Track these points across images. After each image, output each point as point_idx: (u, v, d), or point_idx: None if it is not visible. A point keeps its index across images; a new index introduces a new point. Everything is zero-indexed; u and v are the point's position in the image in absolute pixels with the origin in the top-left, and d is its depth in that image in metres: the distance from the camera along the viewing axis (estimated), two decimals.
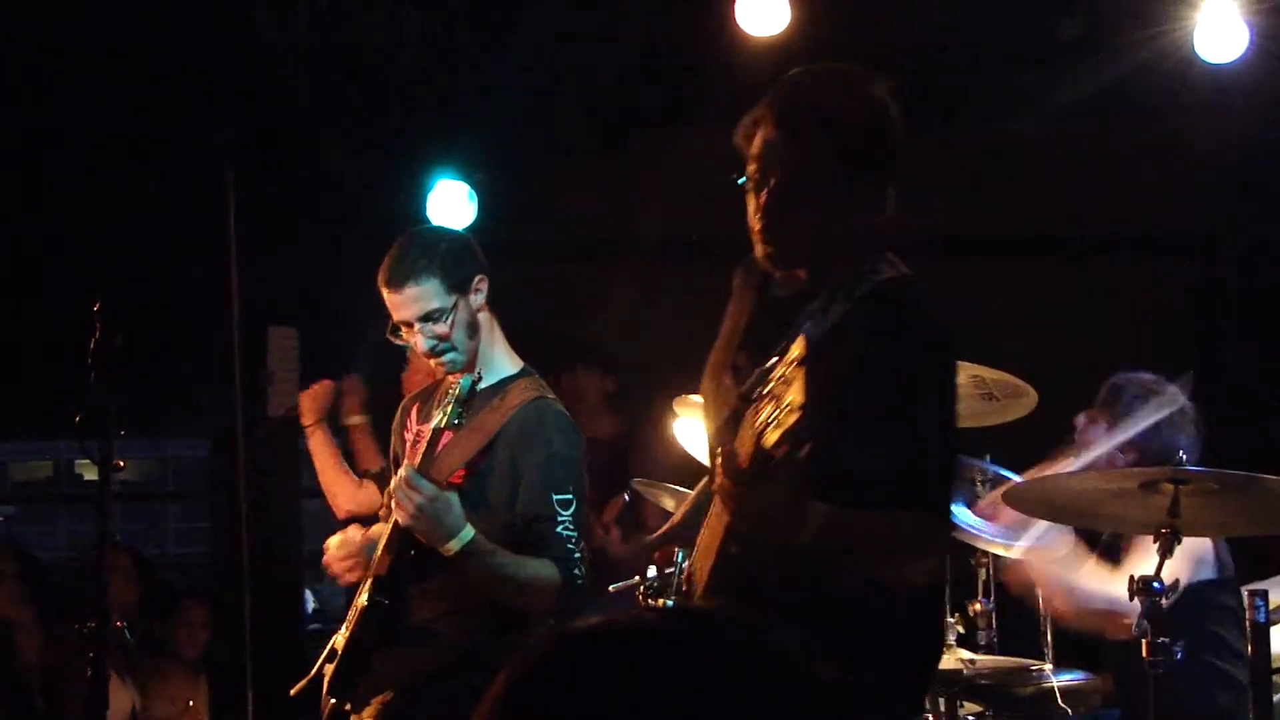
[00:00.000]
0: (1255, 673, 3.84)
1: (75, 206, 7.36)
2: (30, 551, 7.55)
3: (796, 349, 2.67)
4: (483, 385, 4.09)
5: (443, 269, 4.00)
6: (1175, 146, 7.39)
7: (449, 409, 3.89)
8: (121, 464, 4.05)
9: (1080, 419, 4.93)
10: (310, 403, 5.81)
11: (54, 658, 6.47)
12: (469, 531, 3.84)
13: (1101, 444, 4.76)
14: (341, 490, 5.66)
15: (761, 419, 2.70)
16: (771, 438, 2.74)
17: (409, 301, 4.02)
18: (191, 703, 6.95)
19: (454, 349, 4.02)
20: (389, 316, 4.09)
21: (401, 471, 3.90)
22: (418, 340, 4.04)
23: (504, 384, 4.09)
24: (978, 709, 4.76)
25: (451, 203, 7.46)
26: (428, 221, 7.28)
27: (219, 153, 7.01)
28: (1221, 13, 6.34)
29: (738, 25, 6.54)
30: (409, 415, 4.24)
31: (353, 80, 7.23)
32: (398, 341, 4.14)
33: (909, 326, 2.89)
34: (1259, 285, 7.83)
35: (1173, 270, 8.13)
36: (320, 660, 4.03)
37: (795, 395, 2.68)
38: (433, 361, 4.07)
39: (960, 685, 4.58)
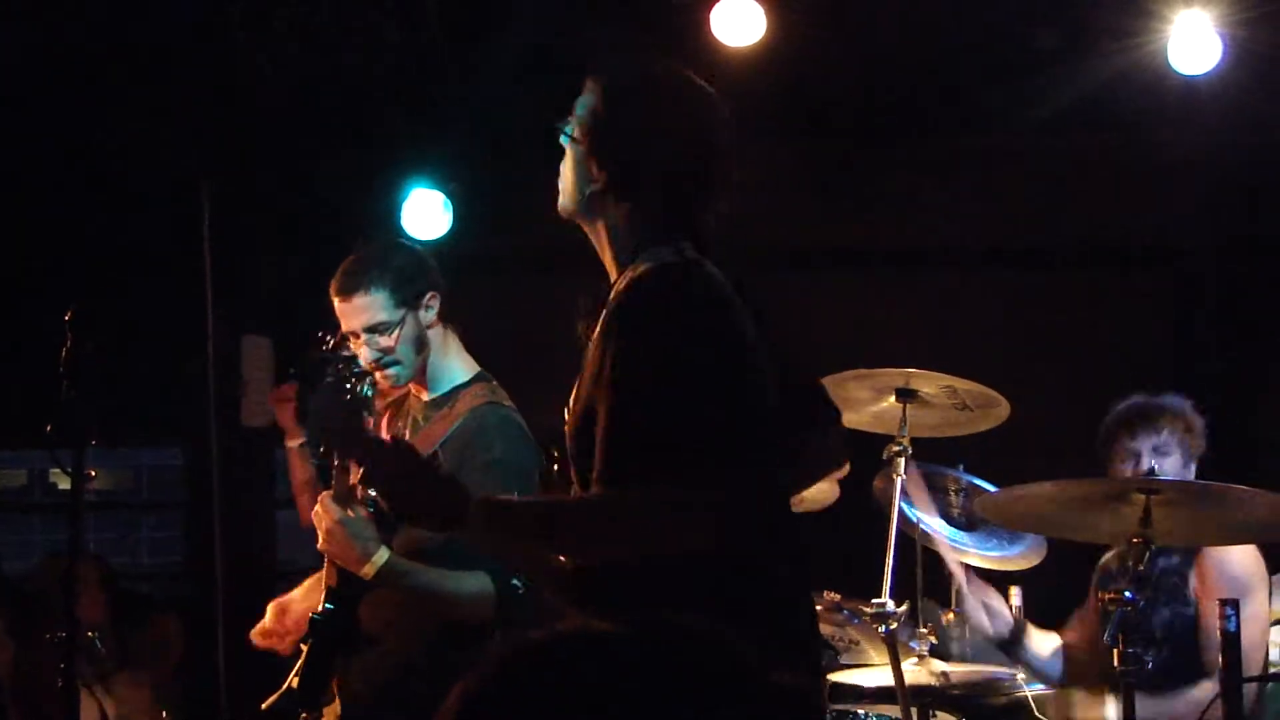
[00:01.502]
0: (1226, 682, 3.85)
1: (48, 214, 7.33)
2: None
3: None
4: (434, 395, 4.11)
5: (393, 282, 4.02)
6: (1150, 158, 7.41)
7: None
8: (93, 473, 4.04)
9: (1145, 462, 4.81)
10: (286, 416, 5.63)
11: (25, 669, 6.44)
12: (383, 554, 3.84)
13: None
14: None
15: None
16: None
17: (356, 311, 4.03)
18: (165, 714, 6.92)
19: (399, 362, 4.04)
20: (338, 326, 4.10)
21: (320, 497, 3.92)
22: (363, 351, 4.04)
23: (455, 391, 4.10)
24: (950, 719, 4.76)
25: (426, 212, 7.44)
26: (403, 231, 7.27)
27: (193, 161, 6.99)
28: (1195, 25, 6.36)
29: (713, 35, 6.55)
30: (379, 424, 4.24)
31: (328, 89, 7.21)
32: (344, 353, 4.13)
33: (664, 304, 2.89)
34: (1234, 295, 7.85)
35: (1147, 280, 8.15)
36: (292, 673, 4.03)
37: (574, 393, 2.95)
38: (377, 374, 4.07)
39: (933, 695, 4.59)
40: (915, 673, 4.56)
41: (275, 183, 7.49)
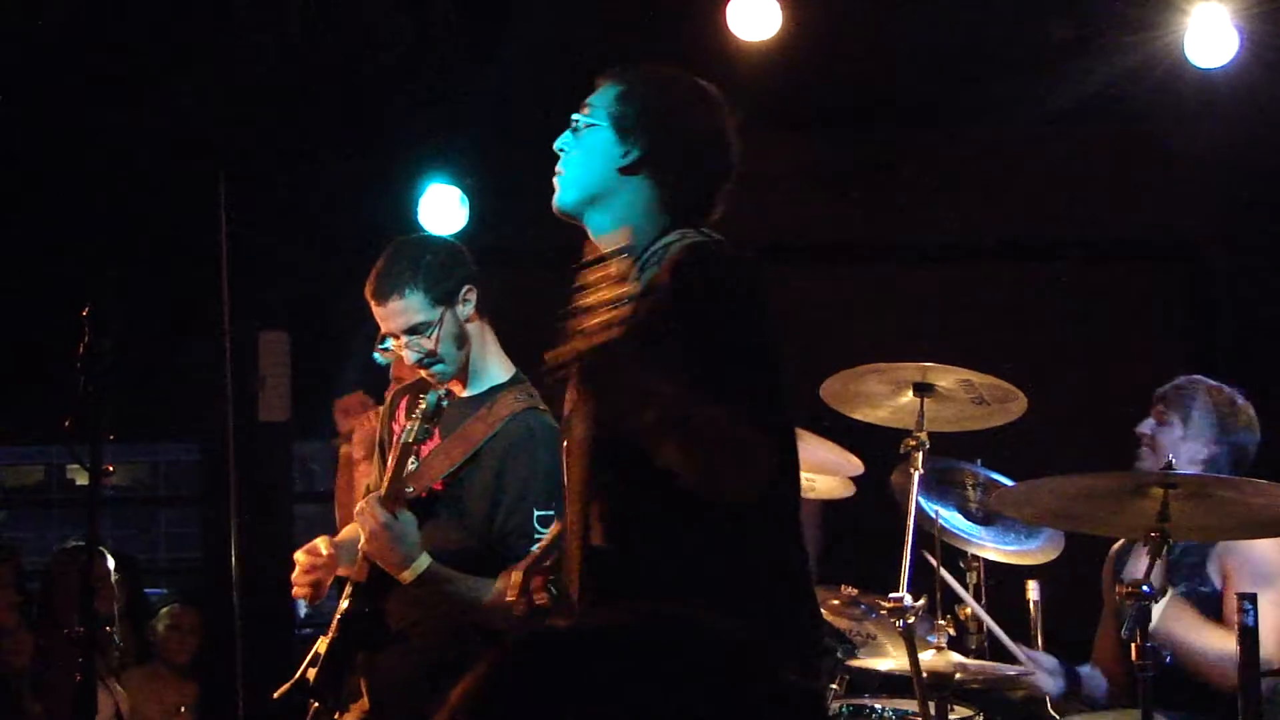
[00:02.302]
0: (1244, 677, 3.84)
1: (66, 210, 7.35)
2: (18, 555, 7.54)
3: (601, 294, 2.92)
4: (471, 393, 4.08)
5: (427, 282, 3.98)
6: (1166, 151, 7.40)
7: (415, 425, 3.88)
8: (111, 469, 4.05)
9: (1148, 424, 4.86)
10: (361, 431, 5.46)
11: (42, 663, 6.46)
12: (424, 560, 3.83)
13: (1177, 446, 4.73)
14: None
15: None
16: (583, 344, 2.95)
17: (394, 315, 4.00)
18: (182, 708, 6.94)
19: (441, 361, 4.01)
20: (378, 328, 4.08)
21: (367, 497, 3.91)
22: (405, 353, 4.03)
23: (493, 392, 4.07)
24: (968, 712, 4.76)
25: (443, 207, 7.44)
26: (419, 226, 7.27)
27: (209, 158, 7.00)
28: (1212, 18, 6.34)
29: (729, 29, 6.55)
30: (398, 408, 4.23)
31: (344, 84, 7.22)
32: (386, 356, 4.12)
33: (700, 282, 2.97)
34: (1249, 289, 7.83)
35: (1163, 274, 8.13)
36: (304, 664, 4.02)
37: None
38: (422, 372, 4.06)
39: (950, 689, 4.58)
40: (933, 665, 4.55)
41: (292, 178, 7.50)
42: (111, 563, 6.74)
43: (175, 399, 7.89)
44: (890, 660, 4.83)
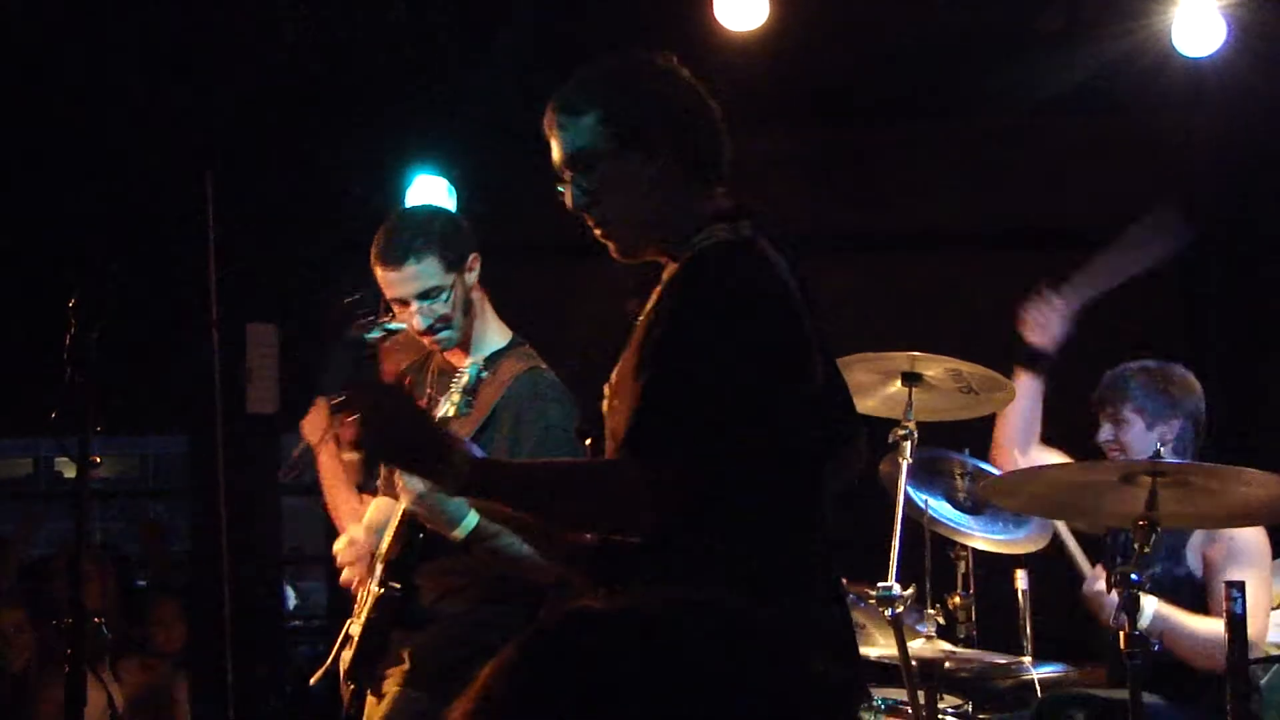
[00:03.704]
0: (1232, 664, 3.85)
1: (53, 202, 7.34)
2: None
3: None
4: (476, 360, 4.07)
5: (441, 246, 3.97)
6: (1154, 140, 7.40)
7: (457, 399, 3.81)
8: (98, 460, 4.04)
9: (1106, 430, 4.86)
10: (312, 425, 5.46)
11: (36, 655, 6.47)
12: (473, 518, 3.81)
13: (1144, 437, 4.74)
14: (345, 508, 5.45)
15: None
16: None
17: (407, 279, 3.98)
18: (173, 699, 6.94)
19: (450, 327, 4.01)
20: (380, 294, 4.06)
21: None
22: (414, 319, 4.00)
23: (496, 358, 4.06)
24: (957, 701, 4.77)
25: (431, 198, 7.43)
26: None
27: (198, 149, 6.99)
28: (1199, 7, 6.35)
29: (716, 20, 6.55)
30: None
31: (333, 76, 7.21)
32: (373, 331, 4.09)
33: (702, 286, 2.84)
34: (1238, 277, 7.84)
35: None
36: (336, 648, 4.02)
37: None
38: (426, 340, 4.04)
39: (940, 678, 4.59)
40: (923, 654, 4.56)
41: (280, 169, 7.49)
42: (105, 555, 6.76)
43: (164, 391, 7.88)
44: (879, 649, 4.84)
